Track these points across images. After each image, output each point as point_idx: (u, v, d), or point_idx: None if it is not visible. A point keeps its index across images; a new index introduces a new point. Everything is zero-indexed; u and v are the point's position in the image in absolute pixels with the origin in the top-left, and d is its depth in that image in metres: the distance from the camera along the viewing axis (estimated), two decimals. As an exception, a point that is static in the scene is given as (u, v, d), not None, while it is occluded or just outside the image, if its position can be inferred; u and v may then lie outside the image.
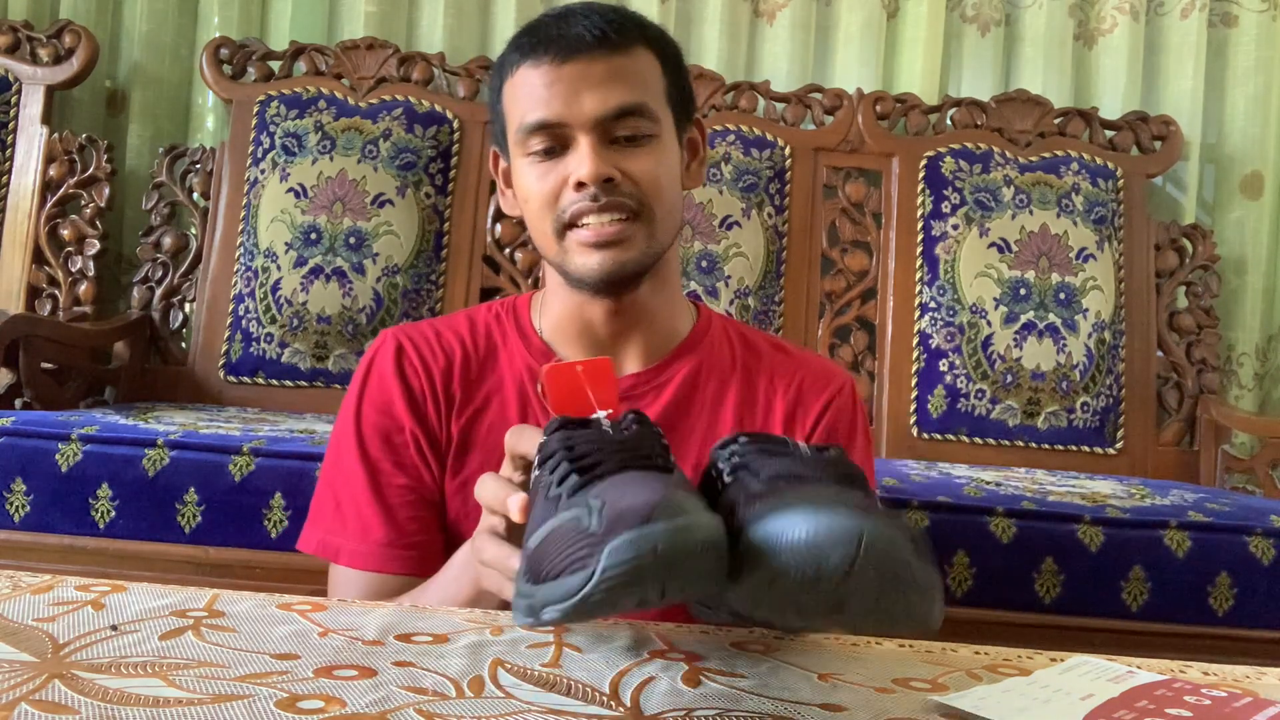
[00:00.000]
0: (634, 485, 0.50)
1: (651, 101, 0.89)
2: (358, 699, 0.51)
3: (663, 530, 0.45)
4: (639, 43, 0.90)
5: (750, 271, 2.03)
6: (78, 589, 0.67)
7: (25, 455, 1.43)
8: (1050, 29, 2.24)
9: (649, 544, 0.45)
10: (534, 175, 0.89)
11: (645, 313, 0.95)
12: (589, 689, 0.56)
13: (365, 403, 0.97)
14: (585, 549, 0.46)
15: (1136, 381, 2.06)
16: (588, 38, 0.87)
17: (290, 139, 2.04)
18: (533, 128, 0.88)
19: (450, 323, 1.01)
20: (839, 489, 0.52)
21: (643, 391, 0.95)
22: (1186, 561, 1.44)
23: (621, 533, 0.45)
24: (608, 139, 0.88)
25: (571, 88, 0.87)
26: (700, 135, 0.99)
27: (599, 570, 0.45)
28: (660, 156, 0.90)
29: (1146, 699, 0.57)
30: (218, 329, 2.00)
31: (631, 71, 0.89)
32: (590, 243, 0.88)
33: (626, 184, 0.88)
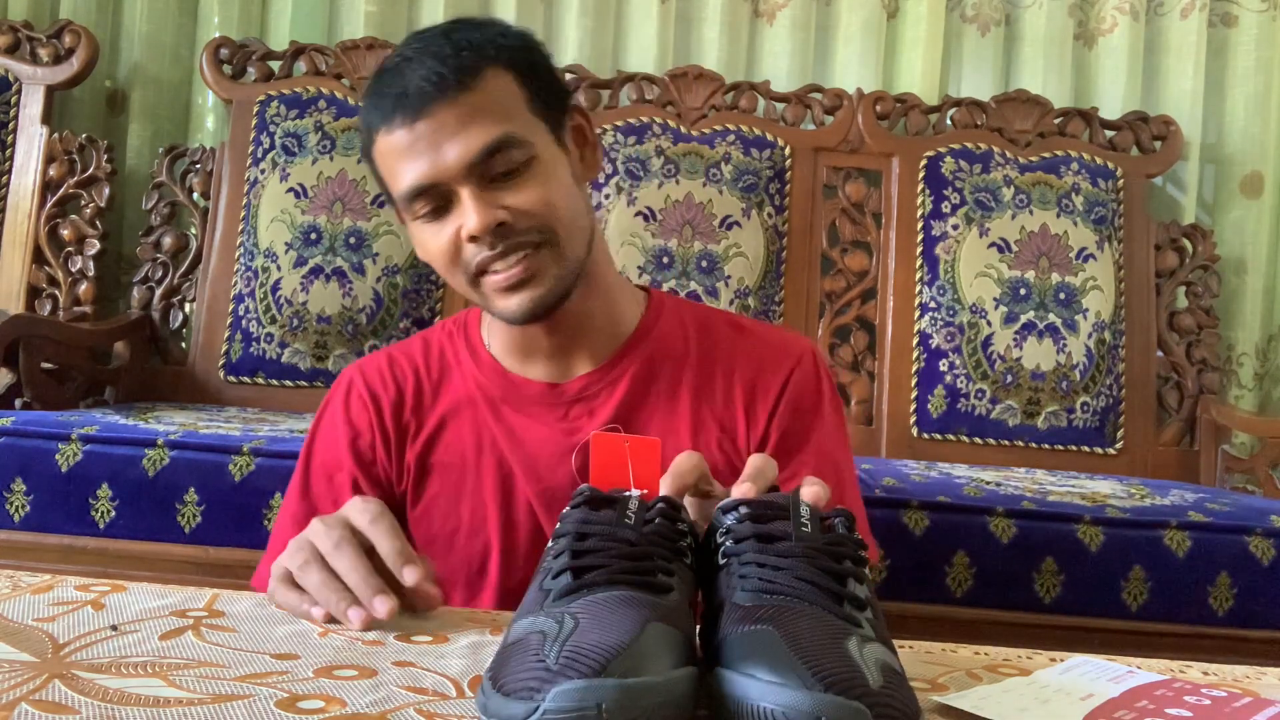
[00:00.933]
0: (609, 616, 0.49)
1: (517, 127, 0.85)
2: (358, 699, 0.51)
3: (612, 688, 0.44)
4: (482, 68, 0.85)
5: (750, 271, 2.03)
6: (78, 589, 0.67)
7: (25, 455, 1.43)
8: (1050, 29, 2.24)
9: (594, 699, 0.44)
10: (428, 236, 0.88)
11: (584, 318, 0.94)
12: (589, 689, 0.56)
13: (317, 442, 0.98)
14: (535, 680, 0.45)
15: (1136, 381, 2.06)
16: (427, 88, 0.83)
17: (290, 139, 2.04)
18: (409, 195, 0.86)
19: (406, 348, 1.01)
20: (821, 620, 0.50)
21: (595, 391, 0.95)
22: (1186, 561, 1.44)
23: (572, 678, 0.44)
24: (486, 180, 0.85)
25: (430, 144, 0.83)
26: (584, 119, 0.95)
27: (541, 711, 0.44)
28: (545, 177, 0.87)
29: (1146, 699, 0.57)
30: (218, 329, 2.00)
31: (485, 106, 0.84)
32: (502, 287, 0.86)
33: (521, 219, 0.85)
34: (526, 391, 0.95)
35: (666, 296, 1.02)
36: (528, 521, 0.93)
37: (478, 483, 0.94)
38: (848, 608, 0.53)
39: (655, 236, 2.02)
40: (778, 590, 0.53)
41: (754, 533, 0.57)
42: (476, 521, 0.94)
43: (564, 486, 0.93)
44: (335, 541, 0.69)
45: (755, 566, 0.55)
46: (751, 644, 0.49)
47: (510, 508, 0.93)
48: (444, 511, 0.94)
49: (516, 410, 0.95)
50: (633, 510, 0.59)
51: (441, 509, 0.94)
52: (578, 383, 0.95)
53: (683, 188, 2.04)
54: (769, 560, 0.55)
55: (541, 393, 0.95)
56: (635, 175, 2.05)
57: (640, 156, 2.07)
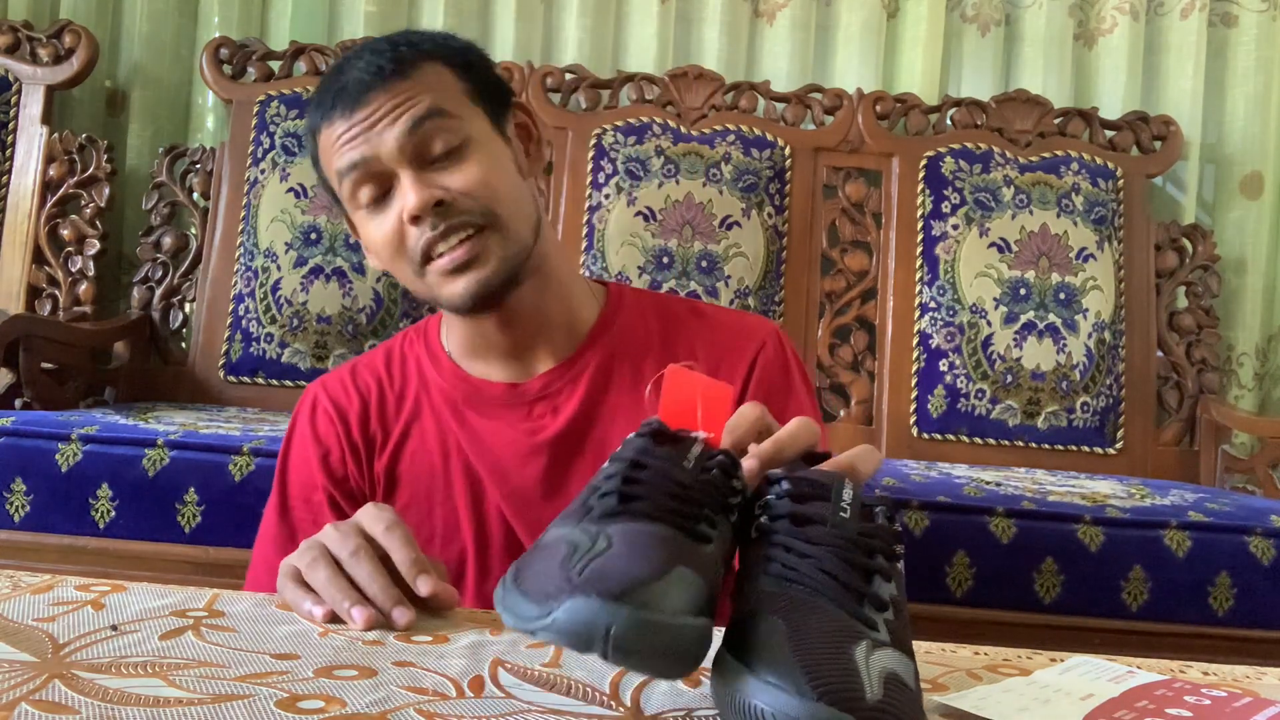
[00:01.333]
0: (641, 546, 0.49)
1: (449, 105, 0.87)
2: (358, 699, 0.51)
3: (625, 616, 0.44)
4: (420, 62, 0.87)
5: (750, 271, 2.03)
6: (78, 589, 0.67)
7: (25, 455, 1.43)
8: (1050, 29, 2.24)
9: (604, 622, 0.44)
10: (372, 226, 0.88)
11: (539, 314, 0.93)
12: (589, 689, 0.56)
13: (289, 464, 0.98)
14: (555, 588, 0.46)
15: (1136, 381, 2.06)
16: (365, 78, 0.85)
17: (290, 139, 2.04)
18: (345, 172, 0.86)
19: (369, 359, 1.00)
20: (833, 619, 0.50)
21: (557, 388, 0.94)
22: (1186, 561, 1.44)
23: (590, 595, 0.45)
24: (425, 163, 0.86)
25: (367, 127, 0.85)
26: (529, 118, 0.96)
27: (551, 618, 0.45)
28: (483, 159, 0.87)
29: (1146, 699, 0.57)
30: (218, 329, 2.00)
31: (419, 91, 0.86)
32: (448, 270, 0.86)
33: (462, 199, 0.85)
34: (488, 393, 0.95)
35: (626, 288, 1.02)
36: (499, 524, 0.93)
37: (448, 489, 0.94)
38: (867, 608, 0.52)
39: (655, 236, 2.02)
40: (799, 580, 0.53)
41: (790, 512, 0.56)
42: (449, 529, 0.93)
43: (531, 487, 0.92)
44: (352, 549, 0.69)
45: (783, 550, 0.54)
46: (760, 636, 0.50)
47: (481, 512, 0.93)
48: (417, 521, 0.93)
49: (479, 413, 0.94)
50: (693, 455, 0.58)
51: (414, 518, 0.93)
52: (539, 381, 0.94)
53: (683, 188, 2.04)
54: (796, 545, 0.54)
55: (503, 393, 0.94)
56: (635, 175, 2.05)
57: (640, 156, 2.07)
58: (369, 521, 0.71)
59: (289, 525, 0.95)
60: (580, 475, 0.93)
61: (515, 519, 0.92)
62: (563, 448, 0.93)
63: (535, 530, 0.92)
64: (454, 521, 0.93)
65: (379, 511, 0.72)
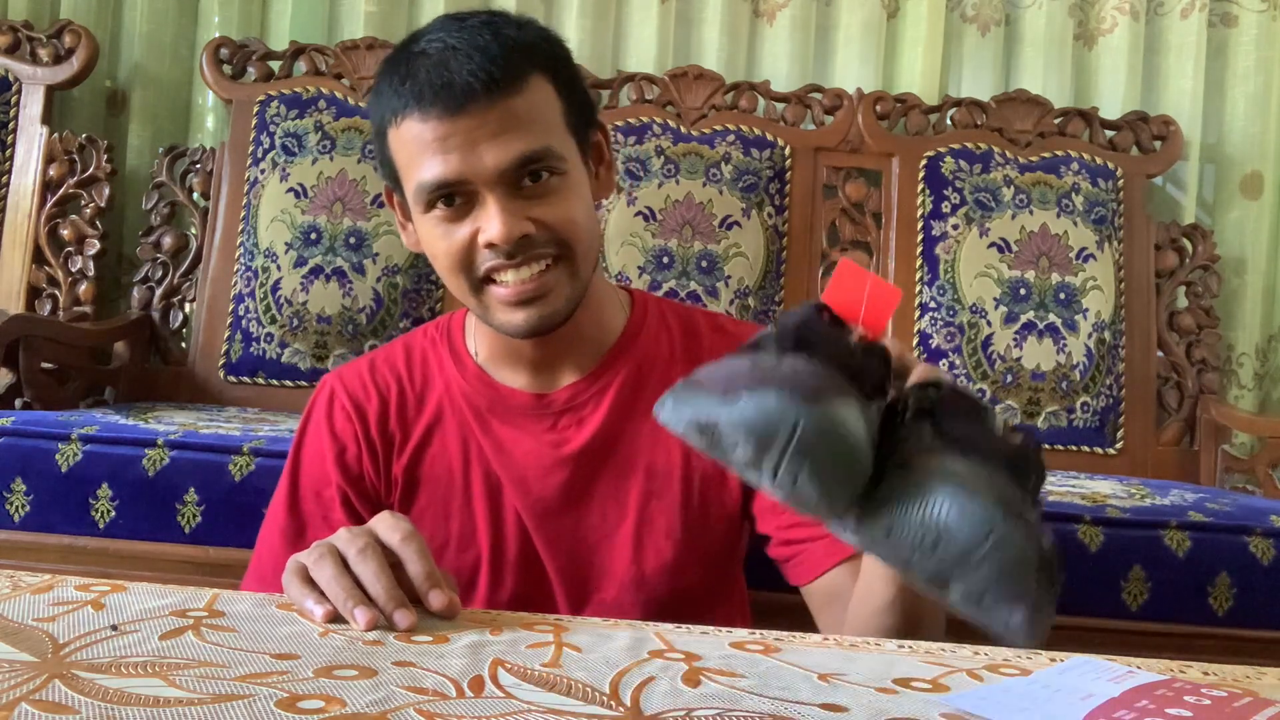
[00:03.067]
0: (821, 375, 0.50)
1: (554, 141, 0.84)
2: (358, 699, 0.51)
3: (815, 415, 0.45)
4: (528, 73, 0.83)
5: (750, 271, 2.03)
6: (78, 589, 0.67)
7: (25, 455, 1.43)
8: (1050, 29, 2.24)
9: (793, 417, 0.45)
10: (439, 234, 0.85)
11: (574, 329, 0.92)
12: (589, 689, 0.56)
13: (303, 456, 0.97)
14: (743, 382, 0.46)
15: (1136, 381, 2.06)
16: (475, 85, 0.80)
17: (290, 139, 2.04)
18: (430, 189, 0.83)
19: (388, 355, 0.99)
20: (1004, 479, 0.51)
21: (583, 401, 0.94)
22: (1186, 561, 1.44)
23: (782, 390, 0.45)
24: (515, 188, 0.83)
25: (467, 141, 0.81)
26: (604, 138, 0.94)
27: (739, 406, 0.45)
28: (571, 192, 0.85)
29: (1146, 699, 0.57)
30: (218, 329, 2.00)
31: (527, 113, 0.82)
32: (511, 301, 0.84)
33: (542, 233, 0.83)
34: (513, 402, 0.94)
35: (649, 298, 1.01)
36: (516, 534, 0.92)
37: (466, 496, 0.93)
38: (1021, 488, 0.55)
39: (655, 236, 2.02)
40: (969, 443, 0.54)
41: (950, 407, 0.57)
42: (466, 535, 0.93)
43: (553, 498, 0.92)
44: (360, 548, 0.68)
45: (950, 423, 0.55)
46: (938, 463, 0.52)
47: (500, 521, 0.93)
48: (432, 525, 0.93)
49: (503, 421, 0.94)
50: (856, 339, 0.59)
51: (430, 523, 0.93)
52: (565, 392, 0.94)
53: (683, 188, 2.04)
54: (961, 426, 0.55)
55: (528, 404, 0.94)
56: (635, 175, 2.05)
57: (640, 156, 2.07)
58: (385, 529, 0.71)
59: (298, 518, 0.94)
60: (603, 489, 0.92)
61: (535, 530, 0.92)
62: (587, 461, 0.92)
63: (554, 542, 0.92)
64: (471, 528, 0.93)
65: (396, 520, 0.71)
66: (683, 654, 0.63)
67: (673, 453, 0.92)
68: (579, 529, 0.92)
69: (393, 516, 0.72)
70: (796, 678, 0.60)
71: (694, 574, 0.94)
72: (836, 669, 0.62)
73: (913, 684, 0.60)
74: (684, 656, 0.63)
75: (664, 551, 0.92)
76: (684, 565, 0.93)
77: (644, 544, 0.92)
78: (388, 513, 0.73)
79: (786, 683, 0.59)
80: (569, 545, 0.92)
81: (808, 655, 0.65)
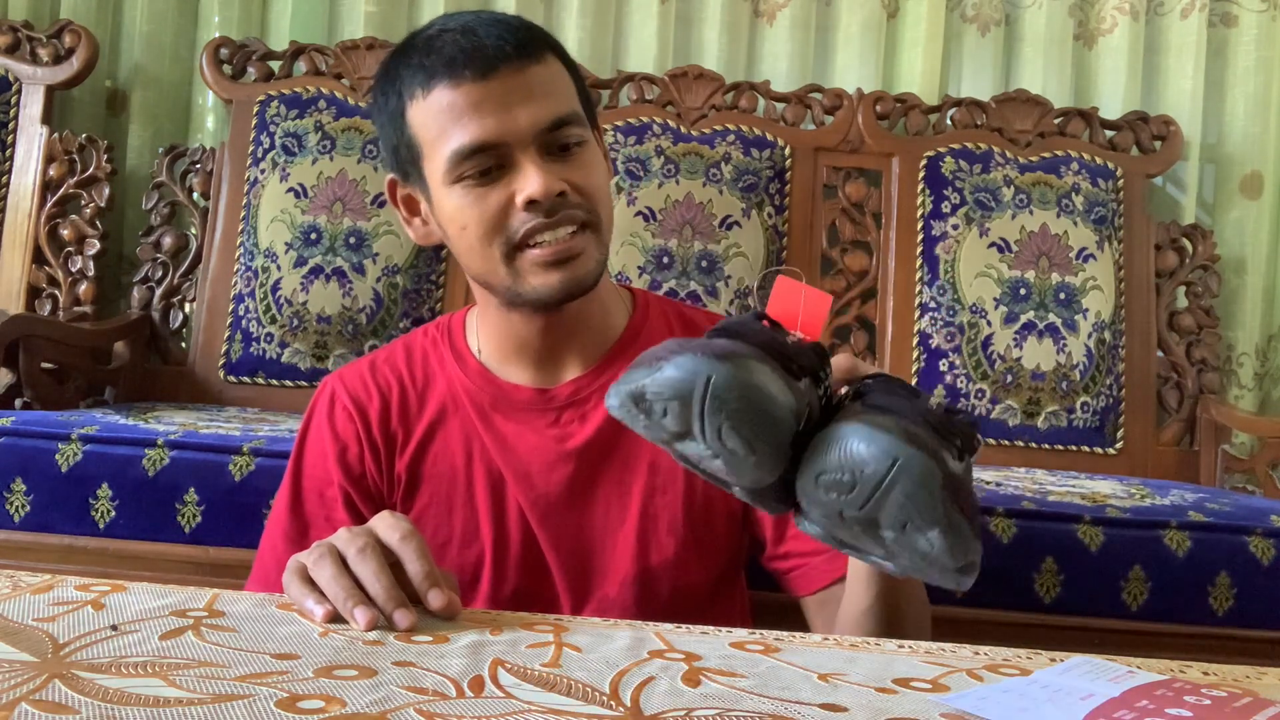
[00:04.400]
0: (742, 347, 0.55)
1: (577, 110, 0.88)
2: (358, 699, 0.51)
3: (726, 370, 0.50)
4: (546, 51, 0.87)
5: (750, 271, 2.03)
6: (78, 589, 0.67)
7: (25, 455, 1.43)
8: (1050, 29, 2.24)
9: (705, 372, 0.50)
10: (470, 200, 0.85)
11: (579, 320, 0.93)
12: (589, 689, 0.56)
13: (305, 457, 0.98)
14: (666, 352, 0.52)
15: (1136, 381, 2.06)
16: (506, 48, 0.83)
17: (290, 139, 2.04)
18: (469, 151, 0.84)
19: (388, 355, 0.99)
20: (924, 431, 0.56)
21: (586, 395, 0.94)
22: (1186, 561, 1.44)
23: (696, 354, 0.51)
24: (546, 151, 0.85)
25: (502, 103, 0.83)
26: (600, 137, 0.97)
27: (660, 372, 0.51)
28: (596, 163, 0.89)
29: (1147, 699, 0.57)
30: (218, 329, 2.00)
31: (552, 80, 0.86)
32: (548, 260, 0.85)
33: (574, 195, 0.86)
34: (516, 398, 0.94)
35: (650, 296, 1.02)
36: (519, 530, 0.93)
37: (469, 492, 0.93)
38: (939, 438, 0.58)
39: (655, 236, 2.02)
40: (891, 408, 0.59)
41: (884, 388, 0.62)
42: (469, 532, 0.93)
43: (556, 494, 0.92)
44: (360, 548, 0.69)
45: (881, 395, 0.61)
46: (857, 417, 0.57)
47: (503, 517, 0.93)
48: (436, 522, 0.93)
49: (506, 417, 0.94)
50: (792, 339, 0.64)
51: (433, 520, 0.93)
52: (568, 387, 0.94)
53: (683, 188, 2.04)
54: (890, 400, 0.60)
55: (531, 398, 0.94)
56: (635, 175, 2.05)
57: (640, 156, 2.07)
58: (385, 529, 0.71)
59: (301, 518, 0.95)
60: (607, 484, 0.93)
61: (538, 525, 0.92)
62: (590, 456, 0.93)
63: (557, 537, 0.92)
64: (474, 525, 0.93)
65: (395, 520, 0.72)
66: (683, 654, 0.63)
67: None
68: (582, 524, 0.93)
69: (392, 516, 0.72)
70: (797, 678, 0.60)
71: (696, 571, 0.94)
72: (836, 669, 0.62)
73: (913, 684, 0.60)
74: (684, 656, 0.63)
75: (666, 548, 0.92)
76: (686, 562, 0.93)
77: (647, 540, 0.92)
78: (387, 512, 0.73)
79: (786, 683, 0.59)
80: (572, 541, 0.93)
81: (808, 655, 0.65)
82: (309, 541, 0.87)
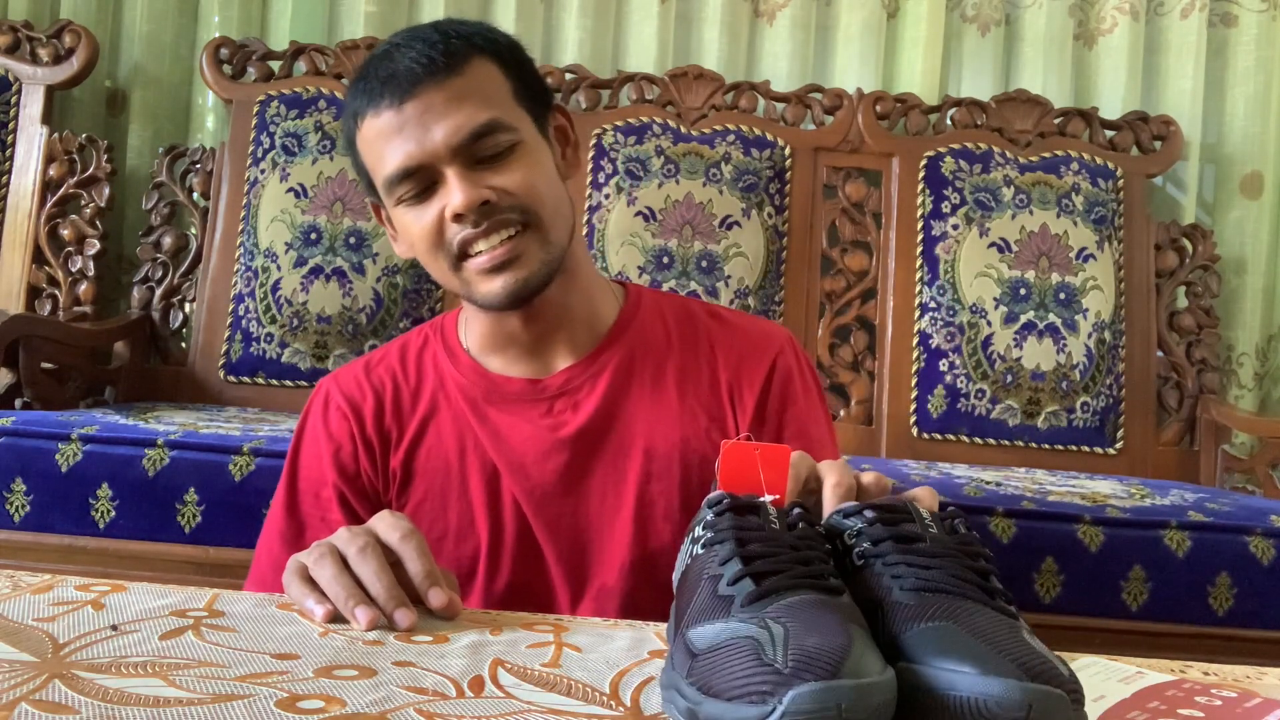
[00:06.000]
0: (817, 621, 0.50)
1: (503, 113, 0.87)
2: (358, 699, 0.51)
3: (849, 689, 0.45)
4: (471, 56, 0.87)
5: (750, 271, 2.03)
6: (78, 589, 0.67)
7: (25, 455, 1.43)
8: (1050, 29, 2.24)
9: (834, 700, 0.45)
10: (411, 220, 0.88)
11: (562, 311, 0.94)
12: (589, 689, 0.56)
13: (300, 458, 0.98)
14: (766, 684, 0.46)
15: (1136, 381, 2.06)
16: (417, 69, 0.84)
17: (290, 139, 2.04)
18: (397, 178, 0.86)
19: (383, 355, 1.00)
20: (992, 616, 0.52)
21: (578, 384, 0.94)
22: (1186, 561, 1.44)
23: (808, 680, 0.45)
24: (472, 161, 0.86)
25: (418, 125, 0.84)
26: (566, 120, 0.97)
27: (779, 712, 0.45)
28: (529, 161, 0.88)
29: (1158, 699, 0.57)
30: (218, 329, 2.00)
31: (471, 90, 0.86)
32: (487, 268, 0.87)
33: (505, 199, 0.86)
34: (507, 389, 0.95)
35: (644, 289, 1.03)
36: (515, 522, 0.93)
37: (463, 486, 0.93)
38: (1001, 602, 0.54)
39: (655, 236, 2.02)
40: (939, 588, 0.54)
41: (891, 535, 0.58)
42: (464, 525, 0.93)
43: (551, 483, 0.92)
44: (360, 547, 0.69)
45: (906, 566, 0.56)
46: (941, 640, 0.50)
47: (498, 509, 0.93)
48: (430, 517, 0.93)
49: (498, 409, 0.94)
50: (775, 516, 0.60)
51: (428, 514, 0.94)
52: (559, 377, 0.95)
53: (683, 188, 2.04)
54: (917, 560, 0.56)
55: (523, 389, 0.95)
56: (635, 175, 2.05)
57: (640, 156, 2.07)
58: (384, 528, 0.71)
59: (297, 520, 0.95)
60: (601, 472, 0.93)
61: (534, 515, 0.92)
62: (583, 444, 0.93)
63: (553, 527, 0.92)
64: (469, 518, 0.93)
65: (395, 519, 0.72)
66: (683, 654, 0.63)
67: (671, 434, 0.93)
68: (578, 513, 0.93)
69: (392, 515, 0.72)
70: (797, 678, 0.60)
71: None
72: (837, 669, 0.62)
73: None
74: (684, 656, 0.62)
75: (663, 534, 0.92)
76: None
77: (644, 527, 0.92)
78: (387, 511, 0.73)
79: (787, 683, 0.59)
80: (569, 530, 0.93)
81: (808, 655, 0.65)
82: (305, 542, 0.87)
